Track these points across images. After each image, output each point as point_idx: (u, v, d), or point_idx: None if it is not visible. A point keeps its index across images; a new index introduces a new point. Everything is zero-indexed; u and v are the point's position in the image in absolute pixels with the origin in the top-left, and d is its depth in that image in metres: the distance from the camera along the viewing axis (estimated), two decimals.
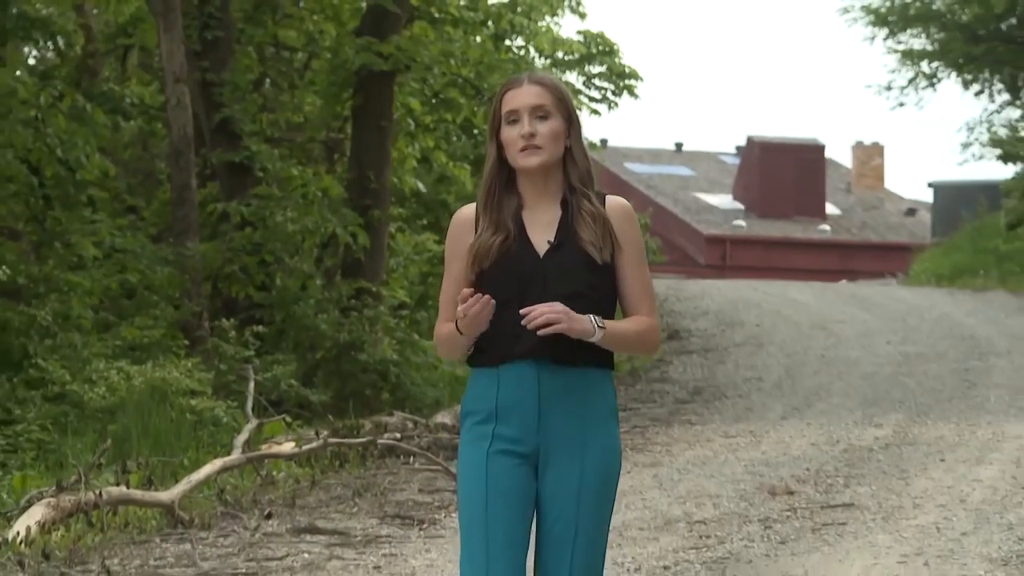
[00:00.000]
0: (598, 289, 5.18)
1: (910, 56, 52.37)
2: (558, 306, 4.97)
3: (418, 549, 11.58)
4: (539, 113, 5.16)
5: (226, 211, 21.71)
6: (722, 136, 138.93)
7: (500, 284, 5.10)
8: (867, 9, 51.17)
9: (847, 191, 64.02)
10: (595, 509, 5.20)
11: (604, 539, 5.30)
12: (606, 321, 5.12)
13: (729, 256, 55.68)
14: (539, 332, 4.96)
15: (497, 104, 5.26)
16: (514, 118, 5.17)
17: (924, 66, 52.53)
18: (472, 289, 5.00)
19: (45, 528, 12.42)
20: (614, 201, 5.30)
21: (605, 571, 10.50)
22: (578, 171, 5.26)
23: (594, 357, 5.14)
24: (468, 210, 5.34)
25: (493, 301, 4.99)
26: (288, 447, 15.65)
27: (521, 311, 4.97)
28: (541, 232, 5.19)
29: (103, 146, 23.79)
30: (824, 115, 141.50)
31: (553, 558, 5.15)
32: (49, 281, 19.97)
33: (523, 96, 5.19)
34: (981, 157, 52.17)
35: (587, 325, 5.04)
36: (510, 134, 5.16)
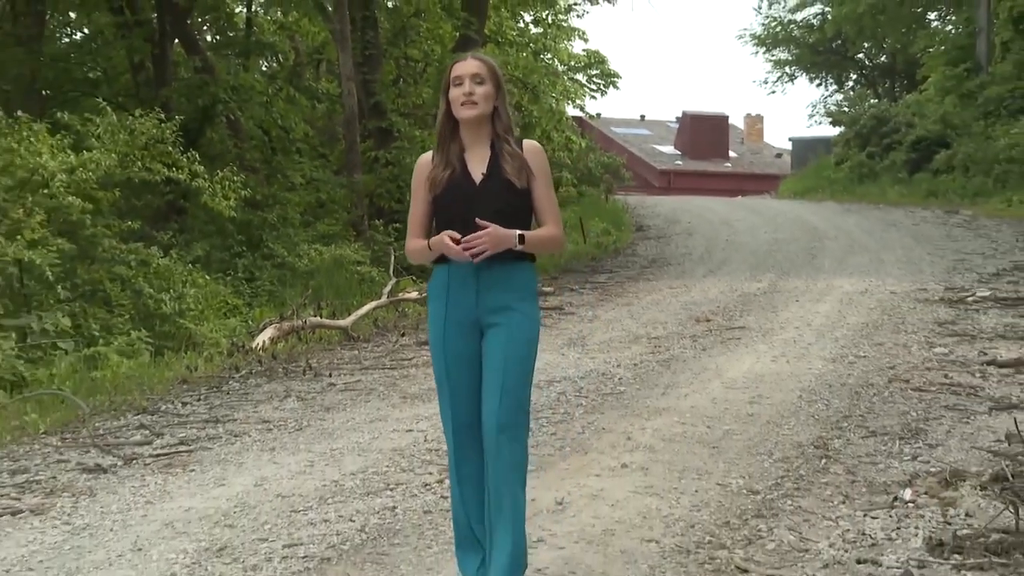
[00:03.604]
0: (517, 206, 4.85)
1: (779, 63, 52.87)
2: (484, 236, 4.65)
3: None
4: (477, 79, 4.83)
5: (377, 156, 21.69)
6: (668, 109, 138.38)
7: (449, 204, 4.84)
8: (753, 36, 51.83)
9: (741, 143, 63.44)
10: (518, 359, 4.81)
11: (528, 379, 4.88)
12: (526, 233, 4.79)
13: (672, 182, 55.20)
14: (474, 260, 4.66)
15: (448, 72, 4.94)
16: (459, 82, 4.84)
17: (787, 69, 52.97)
18: (460, 236, 4.66)
19: (273, 342, 12.48)
20: (529, 144, 4.97)
21: (607, 363, 10.45)
22: (502, 123, 4.91)
23: (517, 255, 4.82)
24: (427, 155, 5.03)
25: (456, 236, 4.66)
26: (414, 294, 15.60)
27: (460, 243, 4.62)
28: (477, 167, 4.88)
29: (305, 118, 23.76)
30: (729, 96, 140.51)
31: (489, 391, 4.79)
32: (274, 197, 19.98)
33: (467, 66, 4.87)
34: (820, 123, 52.54)
35: (510, 241, 4.70)
36: (455, 92, 4.84)
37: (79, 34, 25.27)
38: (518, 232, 4.74)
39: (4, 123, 13.85)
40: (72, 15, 24.73)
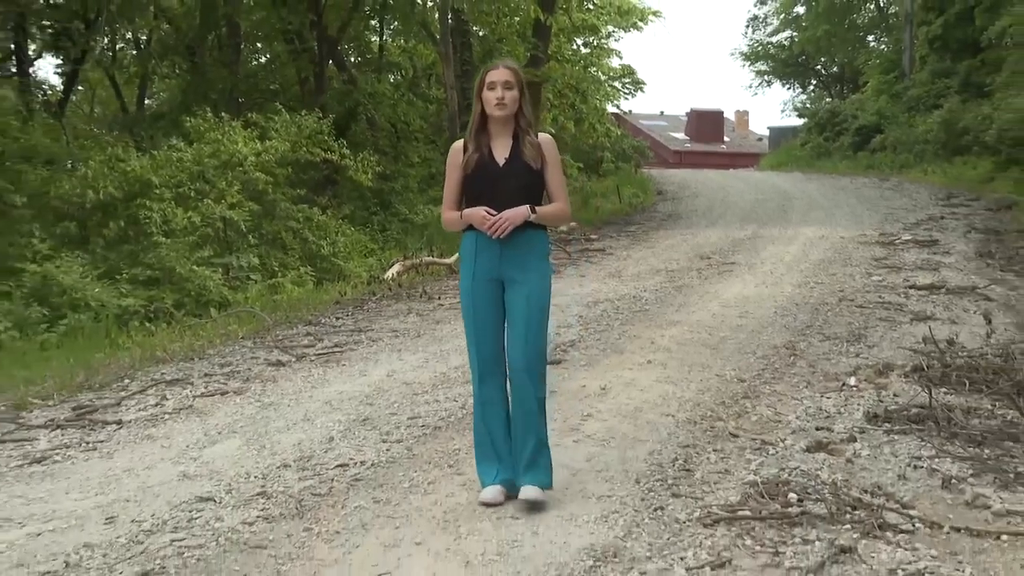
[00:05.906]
0: (533, 184, 4.35)
1: (759, 73, 51.99)
2: (502, 219, 4.21)
3: (570, 282, 11.54)
4: (507, 85, 4.34)
5: None
6: (680, 106, 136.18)
7: (477, 183, 4.33)
8: (741, 52, 51.36)
9: (733, 131, 62.44)
10: (537, 310, 4.29)
11: (545, 325, 4.37)
12: (538, 208, 4.32)
13: (683, 159, 54.36)
14: (493, 236, 4.24)
15: (482, 77, 4.39)
16: (492, 86, 4.34)
17: (765, 77, 52.04)
18: (495, 212, 4.23)
19: (399, 274, 12.48)
20: (543, 136, 4.48)
21: (636, 288, 10.32)
22: (525, 119, 4.41)
23: (531, 225, 4.30)
24: (458, 143, 4.48)
25: (489, 211, 4.26)
26: None
27: (488, 229, 4.24)
28: (501, 153, 4.37)
29: (421, 115, 23.61)
30: (724, 96, 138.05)
31: (515, 337, 4.28)
32: (399, 172, 19.93)
33: (499, 74, 4.37)
34: (790, 115, 51.49)
35: (524, 216, 4.24)
36: (489, 95, 4.35)
37: (263, 58, 25.39)
38: (531, 207, 4.30)
39: (213, 122, 14.04)
40: (259, 45, 24.87)
